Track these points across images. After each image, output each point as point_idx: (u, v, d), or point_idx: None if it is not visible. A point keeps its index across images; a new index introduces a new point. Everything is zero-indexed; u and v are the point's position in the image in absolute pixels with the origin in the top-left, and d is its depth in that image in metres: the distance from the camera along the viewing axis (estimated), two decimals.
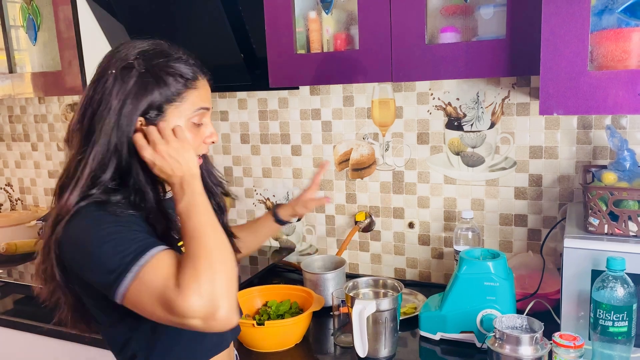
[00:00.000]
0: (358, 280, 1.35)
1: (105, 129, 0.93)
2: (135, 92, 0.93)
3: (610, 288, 1.06)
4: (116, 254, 0.87)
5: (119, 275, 0.86)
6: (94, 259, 0.88)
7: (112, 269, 0.86)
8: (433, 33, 1.31)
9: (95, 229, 0.90)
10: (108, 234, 0.89)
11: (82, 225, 0.91)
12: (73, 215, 0.92)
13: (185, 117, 0.97)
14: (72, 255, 0.92)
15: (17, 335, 1.61)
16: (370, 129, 1.70)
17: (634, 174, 1.20)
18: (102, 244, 0.88)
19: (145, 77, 0.94)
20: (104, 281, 0.88)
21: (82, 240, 0.90)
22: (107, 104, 0.93)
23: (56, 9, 1.74)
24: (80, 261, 0.91)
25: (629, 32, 1.07)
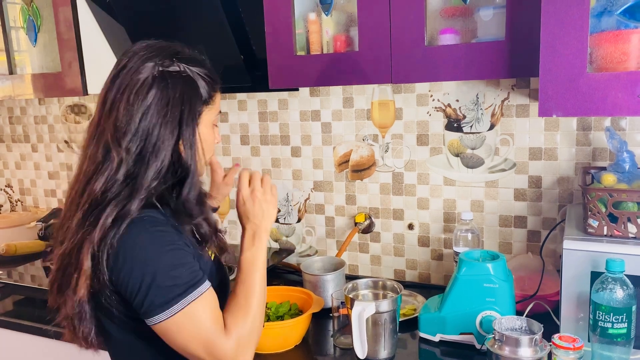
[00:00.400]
0: (357, 282, 1.35)
1: (164, 135, 0.93)
2: (188, 95, 0.95)
3: (610, 290, 1.06)
4: (169, 279, 0.89)
5: (166, 303, 0.89)
6: (145, 278, 0.89)
7: (161, 294, 0.88)
8: (432, 35, 1.31)
9: (152, 247, 0.90)
10: (167, 257, 0.90)
11: (137, 240, 0.90)
12: (127, 226, 0.90)
13: (211, 119, 1.02)
14: (119, 268, 0.90)
15: (16, 337, 1.61)
16: (370, 130, 1.70)
17: (633, 176, 1.20)
18: (157, 266, 0.89)
19: (190, 81, 0.97)
20: (146, 302, 0.89)
21: (138, 256, 0.90)
22: (161, 109, 0.93)
23: (56, 10, 1.74)
24: (127, 276, 0.90)
25: (628, 34, 1.07)
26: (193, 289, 0.91)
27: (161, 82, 0.94)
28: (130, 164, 0.93)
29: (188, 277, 0.91)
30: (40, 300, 1.71)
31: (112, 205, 0.91)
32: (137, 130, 0.93)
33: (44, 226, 1.85)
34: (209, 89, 1.00)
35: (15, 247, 2.02)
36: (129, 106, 0.93)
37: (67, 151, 2.32)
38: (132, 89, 0.94)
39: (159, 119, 0.93)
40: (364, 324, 1.19)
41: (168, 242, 0.92)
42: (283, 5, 1.41)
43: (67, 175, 2.34)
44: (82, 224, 0.92)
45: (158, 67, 0.95)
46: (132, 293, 0.90)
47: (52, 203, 2.39)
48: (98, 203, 0.93)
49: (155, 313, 0.89)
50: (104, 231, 0.90)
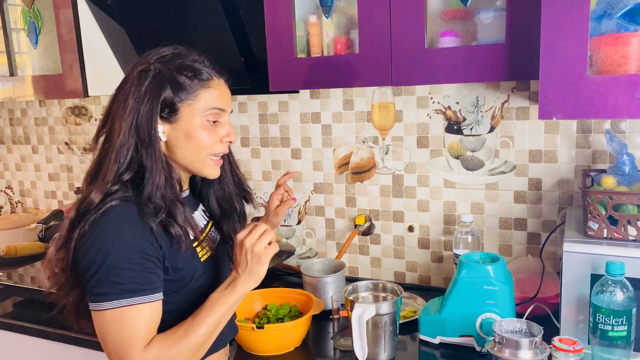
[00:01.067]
0: (358, 284, 1.35)
1: (124, 128, 0.96)
2: (151, 91, 0.97)
3: (610, 292, 1.06)
4: (114, 275, 0.92)
5: (101, 295, 0.92)
6: (96, 263, 0.92)
7: (101, 284, 0.92)
8: (433, 37, 1.31)
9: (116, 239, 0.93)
10: (122, 252, 0.93)
11: (105, 227, 0.94)
12: (101, 213, 0.94)
13: (199, 116, 1.00)
14: (85, 250, 0.94)
15: (16, 338, 1.61)
16: (370, 132, 1.71)
17: (633, 178, 1.20)
18: (111, 257, 0.92)
19: (159, 77, 0.98)
20: (89, 285, 0.93)
21: (97, 241, 0.93)
22: (126, 104, 0.98)
23: (57, 12, 1.74)
24: (85, 253, 0.94)
25: (628, 37, 1.07)
26: (133, 294, 0.92)
27: (132, 82, 0.99)
28: (97, 159, 1.00)
29: (134, 282, 0.93)
30: (40, 302, 1.71)
31: (81, 197, 0.98)
32: (110, 127, 1.00)
33: (44, 228, 1.85)
34: (190, 86, 1.00)
35: (16, 248, 2.02)
36: (109, 104, 1.02)
37: (67, 153, 2.32)
38: (118, 89, 1.02)
39: (122, 113, 0.98)
40: (364, 326, 1.19)
41: (127, 242, 0.94)
42: (283, 7, 1.41)
43: (67, 177, 2.34)
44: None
45: (138, 67, 1.00)
46: (82, 274, 0.95)
47: (53, 205, 2.39)
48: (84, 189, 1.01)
49: (92, 299, 0.94)
50: (70, 222, 0.96)
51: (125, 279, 0.92)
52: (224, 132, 1.05)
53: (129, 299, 0.92)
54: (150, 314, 0.94)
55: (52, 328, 1.54)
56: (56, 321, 1.57)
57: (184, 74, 0.99)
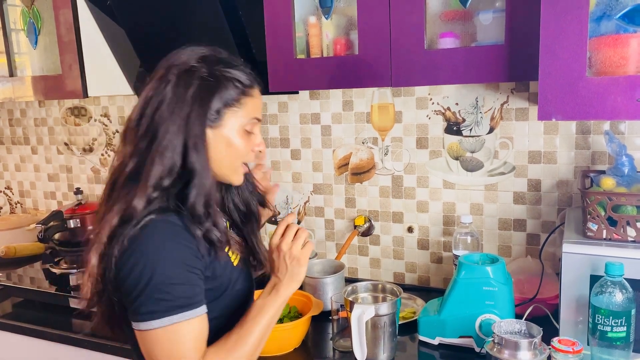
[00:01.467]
0: (357, 285, 1.35)
1: (172, 132, 0.93)
2: (201, 95, 0.94)
3: (609, 293, 1.06)
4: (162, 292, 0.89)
5: (151, 313, 0.89)
6: (142, 281, 0.89)
7: (150, 303, 0.89)
8: (432, 38, 1.31)
9: (160, 254, 0.90)
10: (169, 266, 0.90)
11: (147, 243, 0.90)
12: (141, 228, 0.90)
13: (240, 123, 0.99)
14: (128, 269, 0.90)
15: (16, 339, 1.61)
16: (369, 133, 1.71)
17: (632, 179, 1.20)
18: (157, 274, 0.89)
19: (207, 81, 0.95)
20: (135, 305, 0.89)
21: (141, 258, 0.89)
22: (172, 106, 0.93)
23: (57, 12, 1.74)
24: (128, 273, 0.90)
25: (627, 38, 1.07)
26: (182, 310, 0.90)
27: (178, 81, 0.95)
28: (138, 159, 0.94)
29: (183, 297, 0.90)
30: (40, 303, 1.71)
31: (119, 204, 0.92)
32: (148, 128, 0.94)
33: (43, 228, 1.85)
34: (236, 92, 0.98)
35: (15, 249, 2.02)
36: (144, 103, 0.96)
37: (66, 153, 2.32)
38: (150, 88, 0.96)
39: (168, 116, 0.93)
40: (363, 327, 1.19)
41: (173, 256, 0.91)
42: (283, 8, 1.41)
43: (67, 178, 2.34)
44: (96, 220, 0.96)
45: (178, 67, 0.96)
46: (126, 292, 0.91)
47: (52, 205, 2.39)
48: (107, 199, 0.95)
49: (139, 319, 0.90)
50: (111, 230, 0.91)
51: (173, 294, 0.89)
52: (257, 141, 1.04)
53: (179, 315, 0.90)
54: (200, 327, 0.92)
55: (52, 329, 1.54)
56: (55, 322, 1.58)
57: (231, 80, 0.97)
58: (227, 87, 0.97)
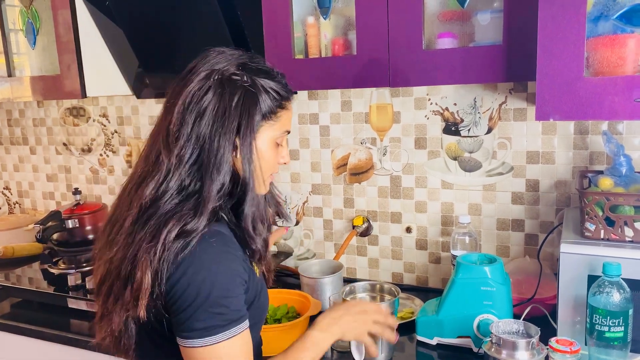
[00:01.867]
0: (355, 285, 1.35)
1: (223, 147, 0.89)
2: (246, 107, 0.91)
3: (607, 293, 1.06)
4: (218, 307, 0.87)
5: (207, 329, 0.86)
6: (198, 298, 0.86)
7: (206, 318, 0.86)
8: (430, 38, 1.31)
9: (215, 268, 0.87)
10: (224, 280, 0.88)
11: (202, 257, 0.87)
12: (194, 242, 0.87)
13: (273, 136, 0.97)
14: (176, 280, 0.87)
15: (14, 339, 1.61)
16: (368, 133, 1.71)
17: (630, 180, 1.21)
18: (212, 289, 0.86)
19: (250, 92, 0.92)
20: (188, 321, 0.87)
21: (196, 271, 0.86)
22: (219, 118, 0.90)
23: (55, 13, 1.74)
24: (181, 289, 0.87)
25: (625, 39, 1.07)
26: (236, 323, 0.89)
27: (218, 89, 0.91)
28: (185, 174, 0.90)
29: (235, 310, 0.89)
30: (38, 303, 1.71)
31: (174, 219, 0.88)
32: (190, 137, 0.90)
33: (41, 229, 1.85)
34: (273, 105, 0.96)
35: (13, 249, 2.02)
36: (183, 110, 0.91)
37: (65, 154, 2.32)
38: (187, 94, 0.91)
39: (216, 127, 0.90)
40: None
41: (230, 269, 0.90)
42: (281, 8, 1.41)
43: (66, 178, 2.34)
44: (131, 230, 0.90)
45: (218, 74, 0.92)
46: (179, 308, 0.87)
47: (50, 205, 2.39)
48: (147, 210, 0.90)
49: (193, 336, 0.87)
50: (165, 246, 0.86)
51: (230, 308, 0.88)
52: (284, 153, 1.02)
53: (235, 328, 0.88)
54: (249, 339, 0.92)
55: (50, 329, 1.54)
56: (53, 322, 1.58)
57: (270, 92, 0.95)
58: (267, 99, 0.94)
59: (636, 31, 1.07)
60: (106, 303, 0.93)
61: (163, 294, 0.88)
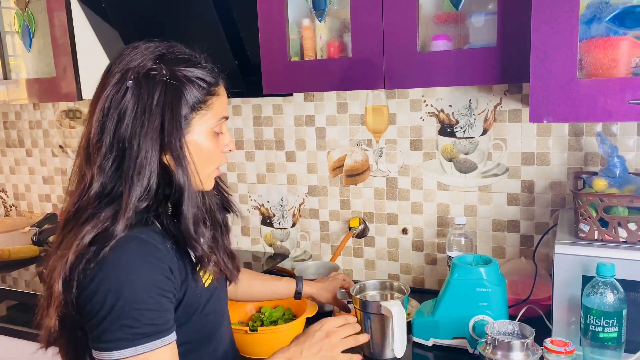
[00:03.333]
0: (365, 283, 1.35)
1: (144, 150, 0.84)
2: (170, 101, 0.85)
3: (600, 294, 1.07)
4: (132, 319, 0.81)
5: (120, 340, 0.80)
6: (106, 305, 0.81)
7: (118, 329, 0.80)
8: (425, 41, 1.32)
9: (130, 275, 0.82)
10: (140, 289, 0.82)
11: (115, 263, 0.82)
12: (110, 247, 0.82)
13: (208, 126, 0.91)
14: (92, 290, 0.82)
15: (10, 342, 1.61)
16: (364, 135, 1.71)
17: (624, 181, 1.21)
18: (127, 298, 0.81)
19: (171, 85, 0.86)
20: (98, 330, 0.82)
21: (107, 279, 0.81)
22: (138, 120, 0.84)
23: (51, 15, 1.74)
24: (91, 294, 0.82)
25: (617, 41, 1.08)
26: (150, 339, 0.82)
27: (137, 88, 0.85)
28: (107, 180, 0.86)
29: (151, 324, 0.82)
30: (34, 306, 1.71)
31: (90, 225, 0.83)
32: (112, 144, 0.86)
33: (37, 231, 1.85)
34: (201, 93, 0.89)
35: (9, 252, 2.01)
36: (103, 116, 0.86)
37: (61, 156, 2.32)
38: (105, 97, 0.86)
39: (136, 129, 0.84)
40: (404, 322, 1.18)
41: (146, 278, 0.83)
42: (277, 11, 1.42)
43: (62, 180, 2.34)
44: (58, 242, 0.87)
45: (135, 72, 0.86)
46: (88, 317, 0.82)
47: (47, 208, 2.39)
48: (70, 221, 0.87)
49: (100, 348, 0.81)
50: (78, 252, 0.82)
51: (140, 321, 0.81)
52: (227, 140, 0.96)
53: (147, 344, 0.81)
54: (169, 356, 0.85)
55: None
56: None
57: (195, 80, 0.89)
58: (192, 89, 0.88)
59: (629, 33, 1.07)
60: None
61: (74, 302, 0.84)
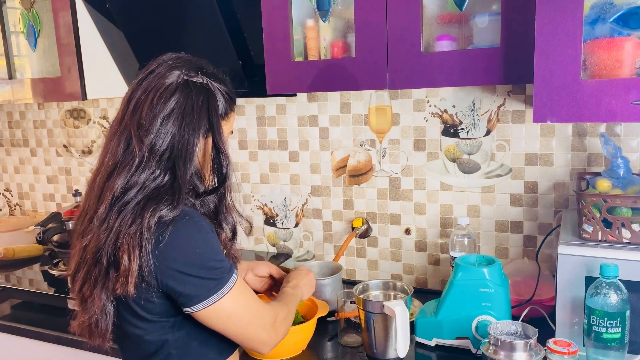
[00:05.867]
0: (369, 283, 1.36)
1: (191, 143, 0.97)
2: (213, 105, 1.01)
3: (604, 295, 1.07)
4: (217, 264, 0.96)
5: (219, 283, 0.96)
6: (196, 266, 0.94)
7: (213, 276, 0.95)
8: (429, 41, 1.32)
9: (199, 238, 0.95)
10: (209, 244, 0.96)
11: (183, 232, 0.94)
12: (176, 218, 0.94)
13: (225, 134, 1.05)
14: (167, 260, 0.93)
15: (14, 341, 1.62)
16: (367, 135, 1.71)
17: (627, 181, 1.21)
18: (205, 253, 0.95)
19: (212, 93, 1.02)
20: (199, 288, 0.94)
21: (185, 246, 0.94)
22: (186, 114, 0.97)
23: (56, 15, 1.75)
24: (177, 266, 0.93)
25: (622, 41, 1.08)
26: (233, 270, 0.99)
27: (185, 90, 0.98)
28: (156, 166, 0.96)
29: (227, 261, 0.99)
30: (38, 305, 1.72)
31: (150, 207, 0.93)
32: (160, 132, 0.96)
33: (42, 230, 1.85)
34: (226, 106, 1.05)
35: (14, 251, 2.02)
36: (153, 107, 0.97)
37: (66, 155, 2.32)
38: (156, 92, 0.97)
39: (185, 123, 0.97)
40: (407, 321, 1.21)
41: (207, 232, 0.97)
42: (281, 11, 1.42)
43: (66, 180, 2.34)
44: (105, 218, 0.94)
45: (183, 76, 1.00)
46: (182, 283, 0.94)
47: (51, 207, 2.40)
48: (119, 199, 0.94)
49: (211, 294, 0.95)
50: (150, 232, 0.92)
51: (223, 261, 0.97)
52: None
53: (234, 275, 0.99)
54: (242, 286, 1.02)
55: (50, 330, 1.55)
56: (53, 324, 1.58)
57: (225, 94, 1.04)
58: (221, 100, 1.04)
59: (633, 34, 1.07)
60: (82, 289, 0.98)
61: (152, 274, 0.93)
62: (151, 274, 0.93)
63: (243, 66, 1.60)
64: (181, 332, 1.01)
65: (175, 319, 1.00)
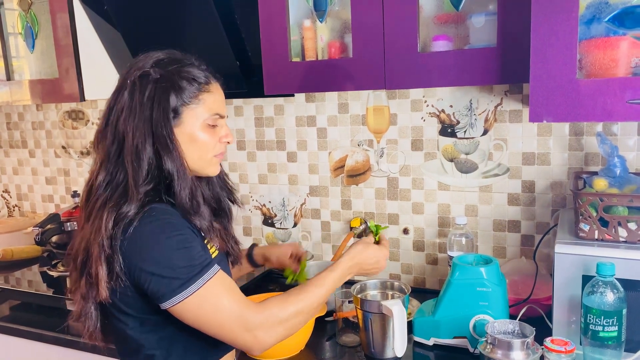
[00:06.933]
0: (366, 282, 1.36)
1: (138, 138, 0.97)
2: (158, 96, 0.98)
3: (600, 293, 1.07)
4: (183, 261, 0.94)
5: (185, 282, 0.93)
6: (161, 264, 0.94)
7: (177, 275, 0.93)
8: (426, 41, 1.32)
9: (164, 235, 0.95)
10: (176, 242, 0.95)
11: (148, 229, 0.94)
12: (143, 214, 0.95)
13: (201, 119, 1.03)
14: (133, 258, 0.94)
15: (13, 342, 1.62)
16: (365, 135, 1.72)
17: (624, 180, 1.21)
18: (170, 251, 0.94)
19: (162, 83, 0.99)
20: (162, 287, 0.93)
21: (149, 244, 0.94)
22: (132, 113, 0.98)
23: (54, 16, 1.75)
24: (141, 264, 0.94)
25: (617, 41, 1.08)
26: (208, 268, 0.96)
27: (132, 87, 1.00)
28: (112, 167, 0.99)
29: (200, 260, 0.96)
30: (37, 306, 1.72)
31: (107, 208, 0.96)
32: (114, 134, 1.00)
33: (40, 231, 1.86)
34: (192, 89, 1.01)
35: (12, 252, 2.03)
36: (108, 112, 1.02)
37: (64, 157, 2.33)
38: (113, 97, 1.03)
39: (130, 121, 0.98)
40: (405, 321, 1.21)
41: (175, 229, 0.96)
42: (278, 12, 1.42)
43: (65, 181, 2.35)
44: (82, 227, 1.00)
45: (133, 74, 1.01)
46: (146, 281, 0.94)
47: (50, 208, 2.40)
48: (89, 205, 1.00)
49: (175, 294, 0.93)
50: (109, 233, 0.94)
51: (191, 259, 0.95)
52: (223, 132, 1.08)
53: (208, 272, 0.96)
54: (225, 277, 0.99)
55: (49, 331, 1.55)
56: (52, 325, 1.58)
57: (184, 78, 1.01)
58: (182, 86, 1.01)
59: (628, 33, 1.07)
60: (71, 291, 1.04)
61: (124, 275, 0.95)
62: (122, 270, 0.95)
63: (241, 67, 1.60)
64: (165, 332, 1.01)
65: (157, 318, 1.00)
